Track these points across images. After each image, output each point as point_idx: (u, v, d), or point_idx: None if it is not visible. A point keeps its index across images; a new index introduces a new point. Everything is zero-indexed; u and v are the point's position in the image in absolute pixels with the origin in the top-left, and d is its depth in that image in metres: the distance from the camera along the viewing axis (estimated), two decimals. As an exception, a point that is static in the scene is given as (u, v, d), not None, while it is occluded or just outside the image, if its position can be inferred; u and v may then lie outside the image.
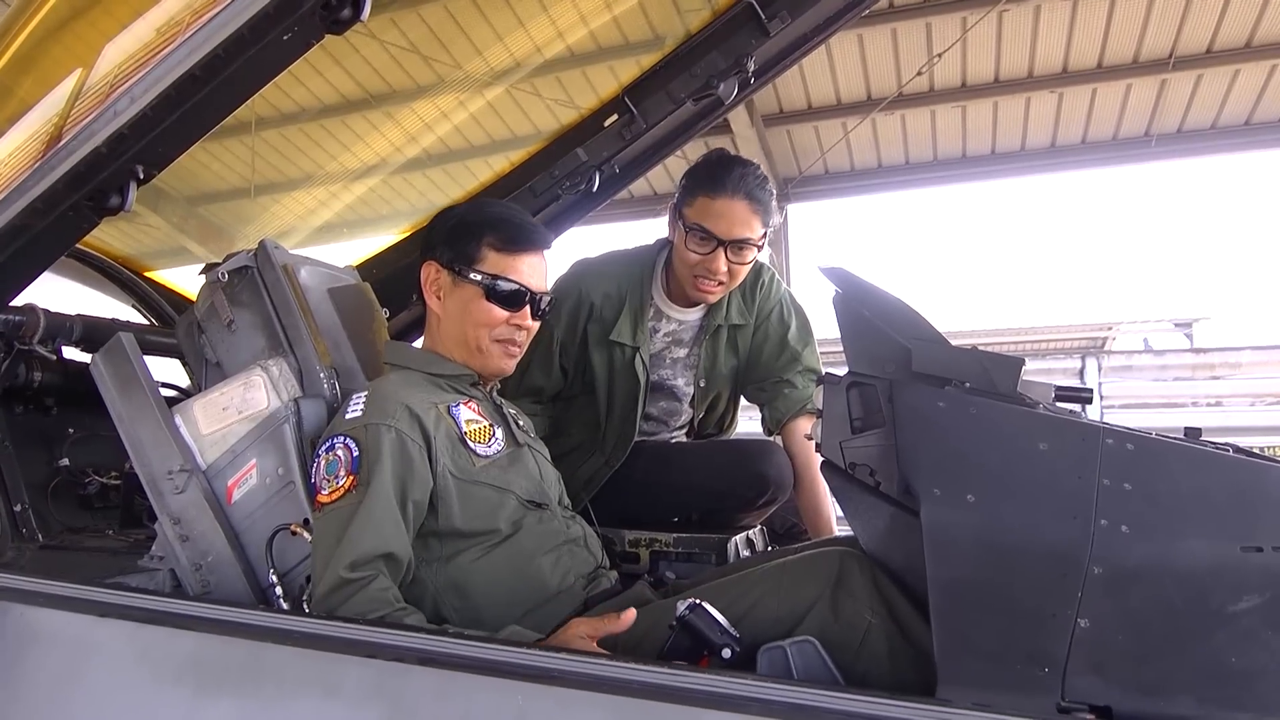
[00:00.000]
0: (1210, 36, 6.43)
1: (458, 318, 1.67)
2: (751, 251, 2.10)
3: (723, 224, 2.04)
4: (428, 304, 1.72)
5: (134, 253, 2.98)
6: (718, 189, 2.05)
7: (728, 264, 2.07)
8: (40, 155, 1.57)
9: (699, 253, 2.07)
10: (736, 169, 2.07)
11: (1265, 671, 0.95)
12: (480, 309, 1.65)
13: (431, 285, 1.69)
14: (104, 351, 1.68)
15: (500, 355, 1.69)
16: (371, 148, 2.83)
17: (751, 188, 2.05)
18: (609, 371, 2.24)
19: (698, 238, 2.07)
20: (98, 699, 1.24)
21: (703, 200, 2.07)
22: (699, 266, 2.08)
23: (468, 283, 1.65)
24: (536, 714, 1.00)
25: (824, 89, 7.26)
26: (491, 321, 1.65)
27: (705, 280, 2.10)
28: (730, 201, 2.04)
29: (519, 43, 2.49)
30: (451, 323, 1.68)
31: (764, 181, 2.10)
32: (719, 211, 2.04)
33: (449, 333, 1.69)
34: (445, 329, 1.69)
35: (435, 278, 1.68)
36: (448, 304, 1.68)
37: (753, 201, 2.05)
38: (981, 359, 1.18)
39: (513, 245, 1.67)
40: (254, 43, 1.34)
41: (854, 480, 1.35)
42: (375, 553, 1.40)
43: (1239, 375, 7.68)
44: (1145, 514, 1.00)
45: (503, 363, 1.70)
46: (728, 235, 2.05)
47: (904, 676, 1.24)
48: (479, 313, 1.65)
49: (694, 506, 2.21)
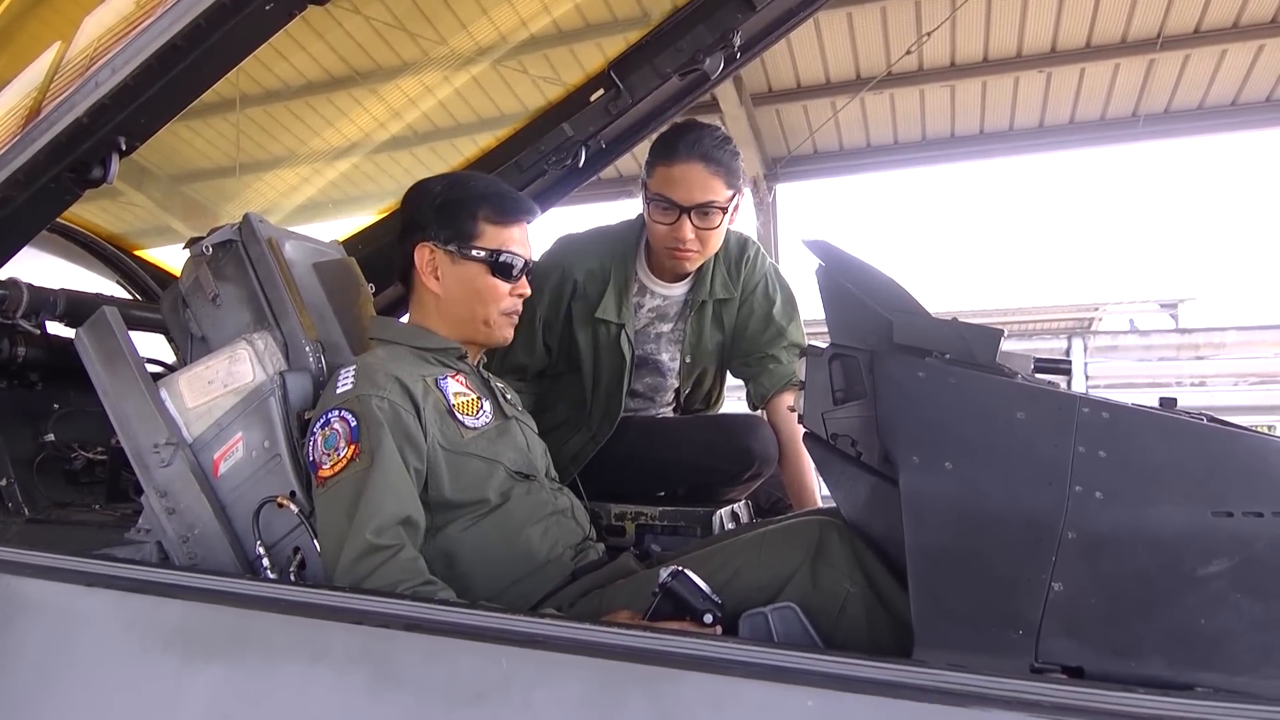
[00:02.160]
0: (1198, 17, 6.43)
1: (462, 296, 1.68)
2: (718, 215, 2.04)
3: (681, 190, 2.01)
4: (419, 285, 1.71)
5: (119, 230, 2.96)
6: (672, 155, 2.02)
7: (694, 230, 2.03)
8: (19, 129, 1.56)
9: (663, 223, 2.04)
10: (691, 133, 2.02)
11: (1233, 633, 0.97)
12: (488, 285, 1.68)
13: (427, 267, 1.69)
14: (88, 325, 1.67)
15: (506, 325, 1.74)
16: (356, 124, 2.82)
17: (707, 149, 2.00)
18: (594, 349, 2.24)
19: (660, 208, 2.04)
20: (86, 667, 1.25)
21: (660, 170, 2.04)
22: (667, 237, 2.06)
23: (470, 260, 1.67)
24: (521, 677, 1.01)
25: (813, 68, 7.23)
26: (499, 296, 1.69)
27: (677, 250, 2.07)
28: (686, 166, 2.00)
29: (505, 18, 2.48)
30: (454, 301, 1.69)
31: (722, 142, 2.04)
32: (677, 178, 2.01)
33: (451, 311, 1.70)
34: (446, 307, 1.70)
35: (431, 258, 1.68)
36: (448, 283, 1.68)
37: (709, 163, 2.00)
38: (961, 331, 1.19)
39: (507, 217, 1.70)
40: (236, 12, 1.33)
41: (835, 451, 1.37)
42: (396, 517, 1.41)
43: (1223, 355, 7.76)
44: (1119, 481, 1.01)
45: (507, 331, 1.75)
46: (688, 200, 2.01)
47: (882, 643, 1.26)
48: (487, 289, 1.68)
49: (679, 481, 2.22)
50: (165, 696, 1.18)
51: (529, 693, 1.00)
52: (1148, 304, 11.99)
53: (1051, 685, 0.88)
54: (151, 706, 1.19)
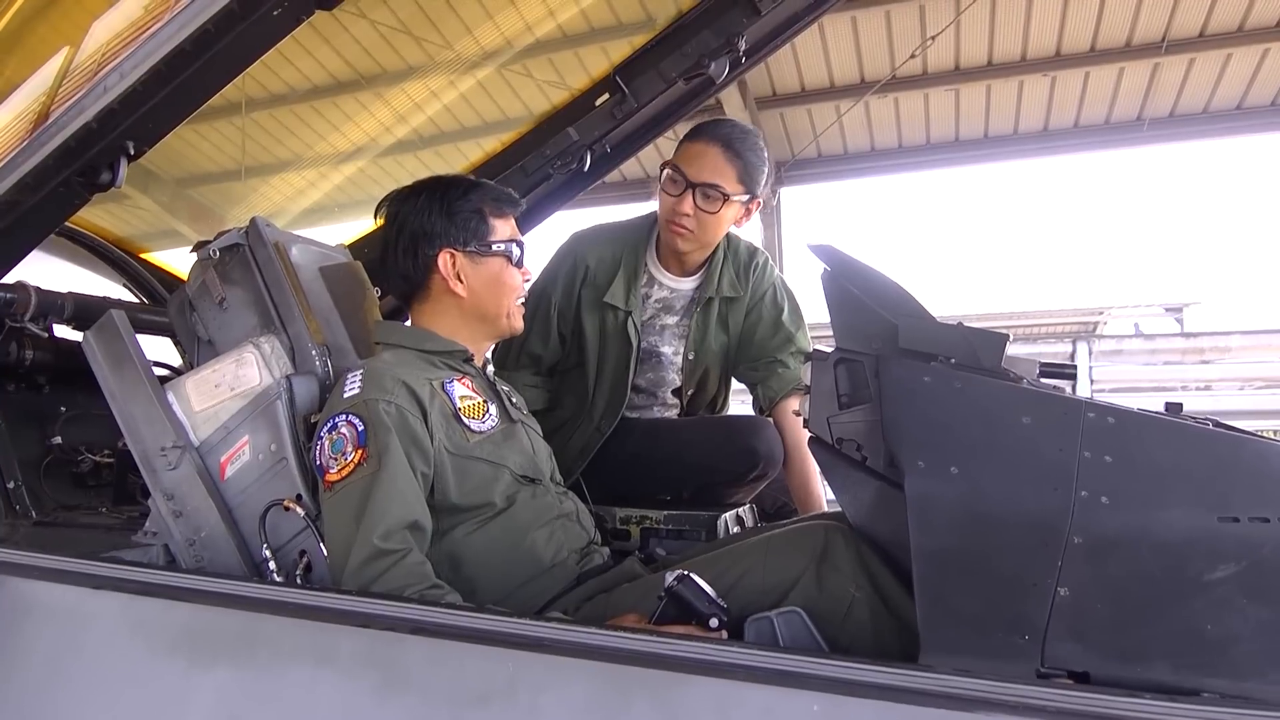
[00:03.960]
0: (1203, 20, 6.43)
1: (488, 293, 1.71)
2: (720, 202, 2.08)
3: (694, 165, 2.08)
4: (441, 291, 1.70)
5: (125, 234, 2.97)
6: (698, 133, 2.11)
7: (695, 209, 2.08)
8: (28, 134, 1.57)
9: (670, 193, 2.11)
10: (725, 123, 2.14)
11: (1239, 638, 0.97)
12: (510, 276, 1.74)
13: (452, 273, 1.69)
14: (96, 329, 1.68)
15: (519, 313, 1.79)
16: (361, 128, 2.83)
17: (731, 138, 2.08)
18: (600, 335, 2.26)
19: (671, 178, 2.11)
20: (93, 670, 1.25)
21: (684, 144, 2.13)
22: (669, 210, 2.12)
23: (491, 256, 1.71)
24: (527, 681, 1.01)
25: (817, 72, 7.24)
26: (517, 285, 1.76)
27: (673, 223, 2.12)
28: (706, 144, 2.08)
29: (510, 22, 2.49)
30: (479, 299, 1.71)
31: (748, 137, 2.11)
32: (693, 153, 2.09)
33: (474, 310, 1.72)
34: (470, 307, 1.71)
35: (453, 263, 1.69)
36: (473, 283, 1.70)
37: (728, 149, 2.07)
38: (967, 335, 1.19)
39: (506, 207, 1.76)
40: (244, 17, 1.33)
41: (841, 455, 1.37)
42: (403, 522, 1.41)
43: (1228, 359, 7.72)
44: (1125, 485, 1.01)
45: (519, 320, 1.80)
46: (696, 177, 2.07)
47: (888, 648, 1.26)
48: (510, 280, 1.74)
49: (685, 481, 2.23)
50: (172, 699, 1.18)
51: (535, 696, 1.01)
52: (1153, 308, 11.96)
53: (1058, 690, 0.88)
54: (159, 709, 1.19)
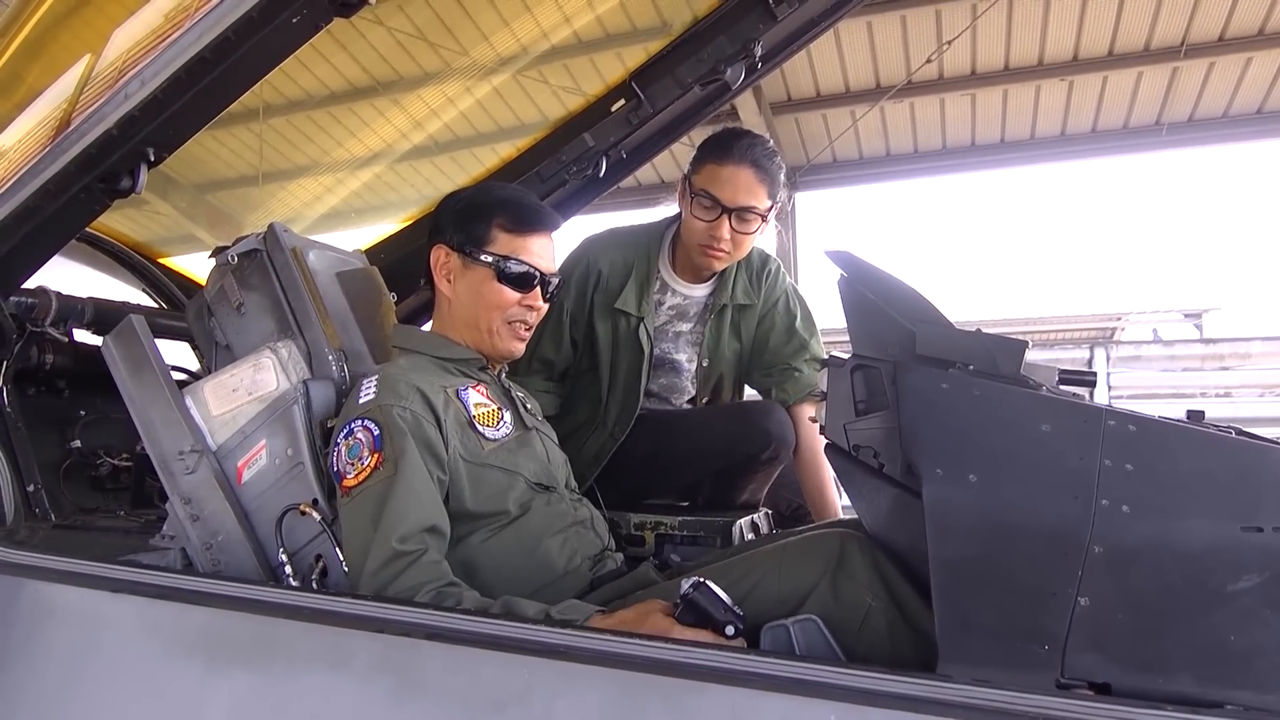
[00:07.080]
0: (1222, 24, 6.39)
1: (469, 300, 1.68)
2: (755, 222, 2.11)
3: (728, 190, 2.07)
4: (437, 288, 1.73)
5: (145, 239, 3.00)
6: (725, 156, 2.09)
7: (731, 232, 2.09)
8: (50, 140, 1.58)
9: (704, 219, 2.10)
10: (746, 139, 2.11)
11: (1263, 650, 0.96)
12: (492, 290, 1.66)
13: (441, 268, 1.70)
14: (115, 333, 1.70)
15: (510, 337, 1.71)
16: (378, 134, 2.84)
17: (758, 156, 2.08)
18: (613, 341, 2.26)
19: (703, 205, 2.09)
20: (110, 673, 1.26)
21: (710, 167, 2.11)
22: (704, 234, 2.11)
23: (479, 265, 1.66)
24: (542, 687, 1.01)
25: (833, 77, 7.23)
26: (504, 303, 1.67)
27: (710, 248, 2.12)
28: (736, 169, 2.07)
29: (526, 29, 2.50)
30: (463, 306, 1.69)
31: (772, 154, 2.12)
32: (725, 178, 2.08)
33: (460, 316, 1.70)
34: (456, 312, 1.70)
35: (445, 261, 1.69)
36: (458, 287, 1.69)
37: (758, 170, 2.07)
38: (985, 341, 1.18)
39: (522, 226, 1.68)
40: (263, 25, 1.34)
41: (857, 462, 1.36)
42: (421, 525, 1.41)
43: (1248, 366, 7.63)
44: (1146, 494, 1.00)
45: (512, 345, 1.72)
46: (732, 202, 2.07)
47: (905, 657, 1.25)
48: (491, 294, 1.66)
49: (699, 469, 2.23)
50: (188, 702, 1.19)
51: (549, 703, 1.00)
52: (1171, 314, 11.85)
53: (1078, 701, 0.87)
54: (175, 712, 1.20)
